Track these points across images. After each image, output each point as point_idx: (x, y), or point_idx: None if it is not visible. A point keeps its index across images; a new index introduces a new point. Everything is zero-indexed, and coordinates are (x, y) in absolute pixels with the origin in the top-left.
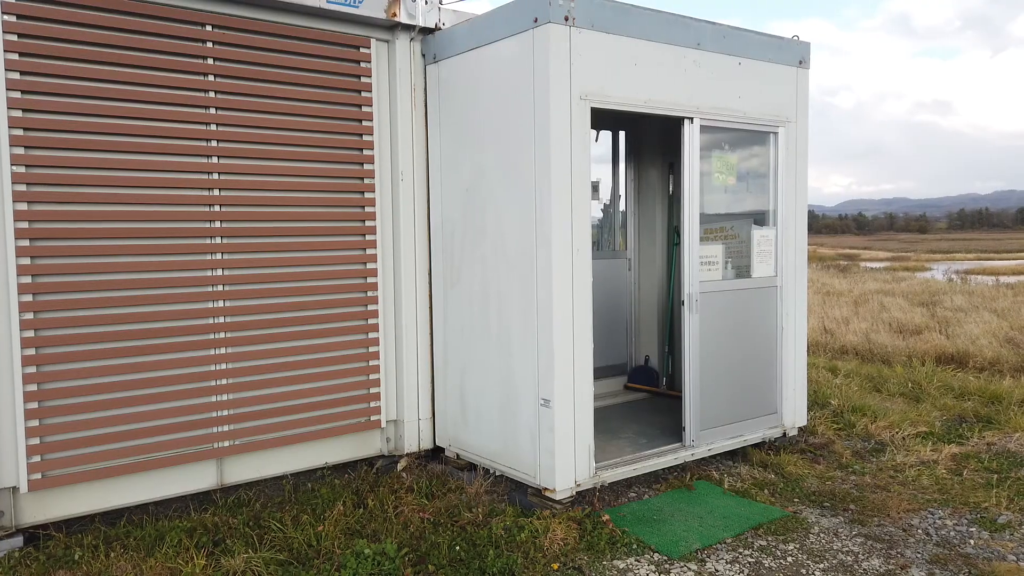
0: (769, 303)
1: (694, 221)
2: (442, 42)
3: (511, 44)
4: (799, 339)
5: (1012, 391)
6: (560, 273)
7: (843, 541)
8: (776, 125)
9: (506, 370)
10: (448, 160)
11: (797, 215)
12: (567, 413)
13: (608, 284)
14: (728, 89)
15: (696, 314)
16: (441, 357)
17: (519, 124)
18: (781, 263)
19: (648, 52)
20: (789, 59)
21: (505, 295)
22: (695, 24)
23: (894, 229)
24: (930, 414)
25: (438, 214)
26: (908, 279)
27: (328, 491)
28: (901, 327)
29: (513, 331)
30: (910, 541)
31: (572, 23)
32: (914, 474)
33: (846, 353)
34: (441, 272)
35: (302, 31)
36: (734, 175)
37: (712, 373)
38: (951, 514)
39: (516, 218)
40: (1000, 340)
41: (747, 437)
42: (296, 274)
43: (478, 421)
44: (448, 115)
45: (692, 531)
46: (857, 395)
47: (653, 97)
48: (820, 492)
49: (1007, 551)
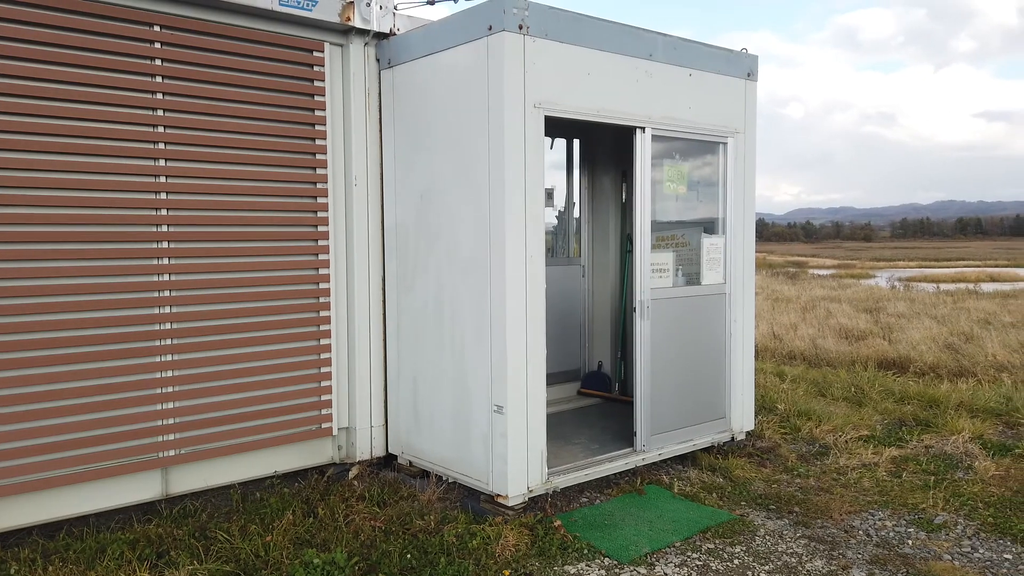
0: (718, 310)
1: (646, 229)
2: (397, 47)
3: (466, 51)
4: (747, 345)
5: (949, 395)
6: (514, 279)
7: (788, 543)
8: (725, 135)
9: (459, 376)
10: (402, 165)
11: (746, 224)
12: (520, 419)
13: (562, 290)
14: (679, 99)
15: (647, 321)
16: (394, 363)
17: (473, 130)
18: (730, 271)
19: (601, 62)
20: (738, 71)
21: (459, 301)
22: (647, 35)
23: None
24: (872, 418)
25: (392, 219)
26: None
27: (277, 500)
28: (846, 333)
29: (467, 337)
30: (851, 542)
31: (526, 32)
32: (856, 476)
33: (794, 358)
34: (395, 277)
35: (254, 33)
36: (685, 184)
37: (663, 379)
38: (890, 515)
39: (470, 224)
40: (940, 346)
41: (697, 442)
42: (246, 279)
43: (431, 428)
44: (402, 120)
45: (642, 535)
46: (803, 399)
47: (606, 106)
48: (766, 495)
49: (943, 551)
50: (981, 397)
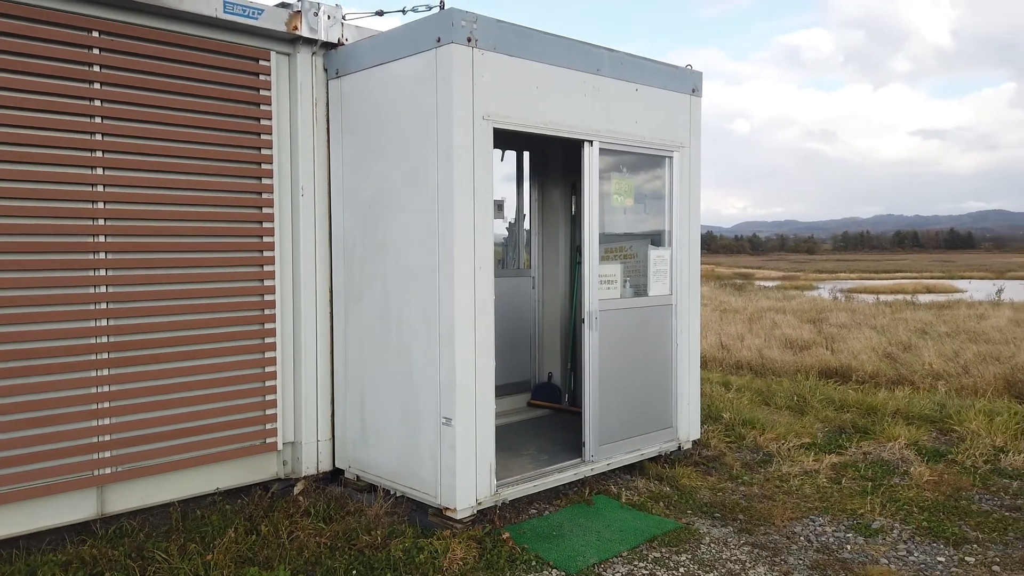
0: (665, 321)
1: (594, 241)
2: (345, 57)
3: (414, 62)
4: (693, 355)
5: (887, 403)
6: (462, 291)
7: (732, 550)
8: (671, 150)
9: (407, 389)
10: (350, 176)
11: (691, 236)
12: (469, 431)
13: (512, 302)
14: (626, 114)
15: (595, 332)
16: (342, 376)
17: (422, 142)
18: (676, 282)
19: (550, 75)
20: (683, 87)
21: (407, 312)
22: (595, 50)
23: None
24: (813, 426)
25: (340, 230)
26: (798, 297)
27: (219, 518)
28: (791, 343)
29: (415, 349)
30: (793, 548)
31: (475, 44)
32: (798, 483)
33: (741, 368)
34: (342, 289)
35: (197, 41)
36: (632, 197)
37: (611, 389)
38: (830, 521)
39: (419, 235)
40: (879, 355)
41: (644, 451)
42: (187, 291)
43: (378, 441)
44: (351, 130)
45: (590, 546)
46: (748, 408)
47: (554, 119)
48: (712, 503)
49: (880, 555)
50: (917, 404)
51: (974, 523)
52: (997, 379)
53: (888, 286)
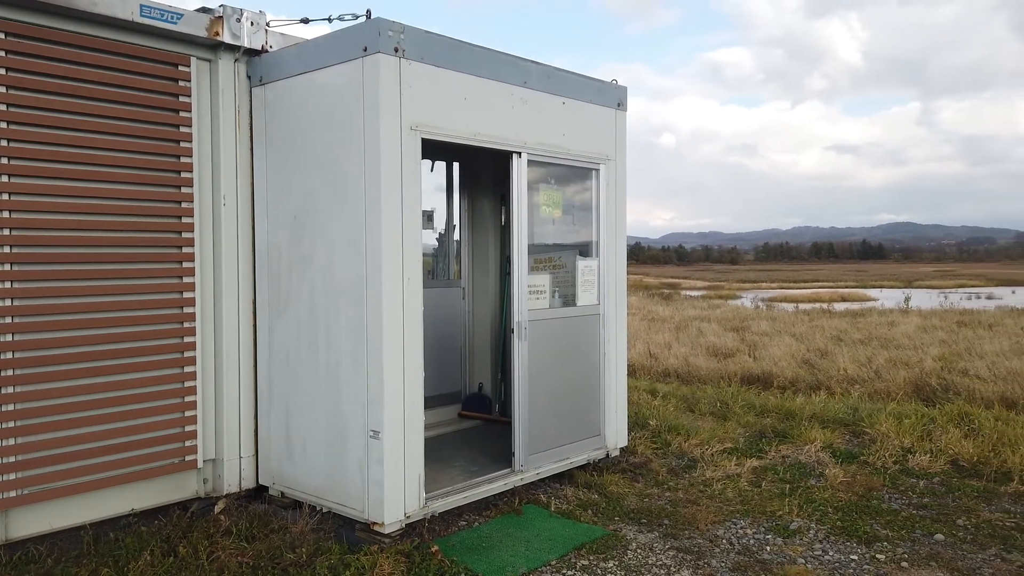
0: (593, 330)
1: (523, 252)
2: (269, 65)
3: (341, 71)
4: (620, 364)
5: (804, 407)
6: (391, 302)
7: (657, 555)
8: (597, 162)
9: (334, 402)
10: (275, 186)
11: (618, 247)
12: (397, 444)
13: (443, 313)
14: (553, 126)
15: (525, 342)
16: (266, 390)
17: (349, 152)
18: (604, 292)
19: (478, 87)
20: (608, 101)
21: (334, 324)
22: (522, 63)
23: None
24: (735, 431)
25: (264, 241)
26: (722, 306)
27: (134, 540)
28: (716, 351)
29: (342, 361)
30: (716, 551)
31: (402, 55)
32: (720, 488)
33: (668, 376)
34: (267, 301)
35: (112, 44)
36: (560, 208)
37: (540, 399)
38: (751, 523)
39: (346, 246)
40: (798, 361)
41: (573, 459)
42: (99, 304)
43: (304, 456)
44: (275, 139)
45: (519, 556)
46: (673, 415)
47: (483, 130)
48: (638, 509)
49: (797, 555)
50: (832, 409)
51: (884, 522)
52: (906, 383)
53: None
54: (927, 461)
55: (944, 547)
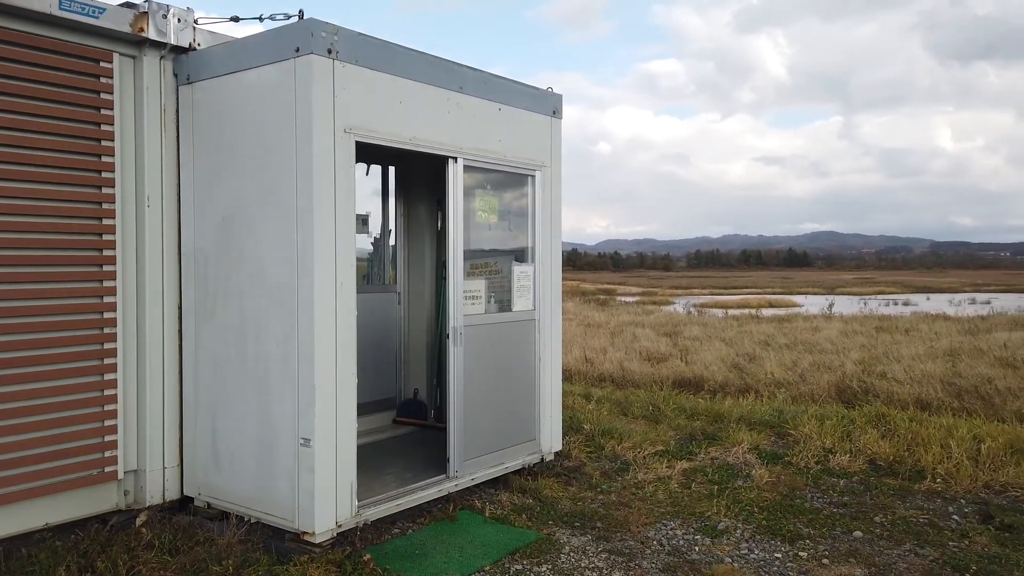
0: (528, 335)
1: (458, 257)
2: (197, 63)
3: (272, 72)
4: (555, 369)
5: (732, 410)
6: (323, 307)
7: (590, 558)
8: (533, 169)
9: (264, 409)
10: (203, 187)
11: (553, 253)
12: (329, 452)
13: (378, 318)
14: (489, 132)
15: (460, 347)
16: (192, 398)
17: (280, 153)
18: (539, 297)
19: (413, 91)
20: (544, 108)
21: (264, 330)
22: (458, 68)
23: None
24: (667, 434)
25: (191, 243)
26: (656, 312)
27: (48, 556)
28: (649, 355)
29: (272, 368)
30: (647, 552)
31: (336, 56)
32: (652, 490)
33: (604, 380)
34: (193, 305)
35: (29, 38)
36: (496, 214)
37: (476, 404)
38: (681, 524)
39: (277, 250)
40: (728, 365)
41: (508, 464)
42: (12, 308)
43: (232, 465)
44: (204, 140)
45: (452, 562)
46: (607, 419)
47: (418, 135)
48: (572, 513)
49: (724, 554)
50: (758, 411)
51: (807, 520)
52: (829, 386)
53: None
54: (847, 461)
55: (862, 544)
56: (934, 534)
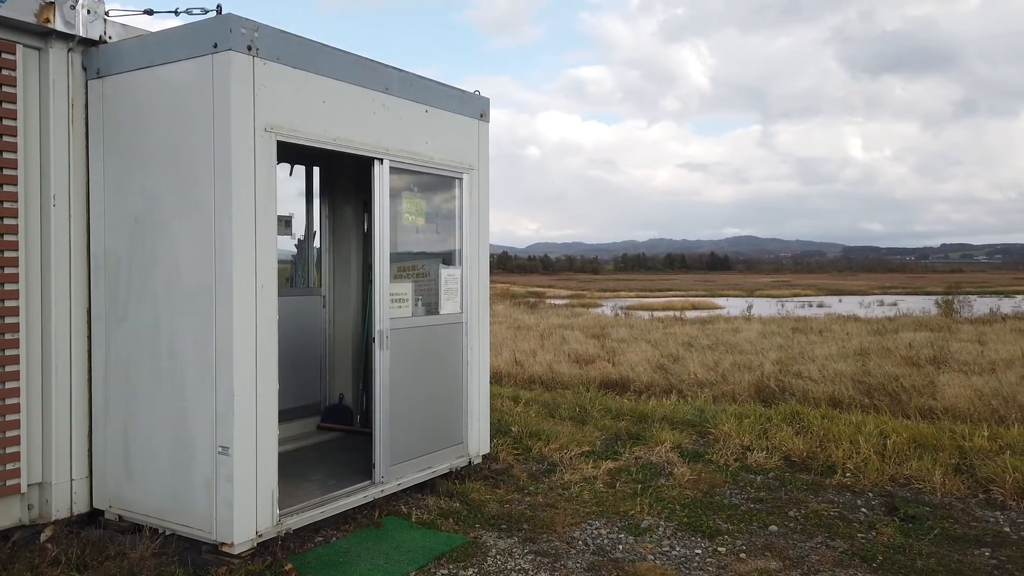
0: (456, 338)
1: (385, 259)
2: (108, 57)
3: (189, 67)
4: (483, 372)
5: (656, 410)
6: (242, 311)
7: (517, 560)
8: (461, 171)
9: (179, 417)
10: (114, 186)
11: (481, 255)
12: (248, 460)
13: (301, 322)
14: (416, 134)
15: (387, 351)
16: (102, 406)
17: (197, 152)
18: (467, 300)
19: (338, 91)
20: (471, 111)
21: (180, 335)
22: (383, 69)
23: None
24: (593, 434)
25: (100, 245)
26: (584, 314)
27: None
28: (578, 357)
29: (188, 374)
30: (572, 552)
31: (256, 54)
32: (578, 490)
33: (533, 383)
34: (103, 310)
35: None
36: (423, 216)
37: (402, 408)
38: (606, 523)
39: (194, 252)
40: (653, 366)
41: (435, 468)
42: None
43: (145, 475)
44: (115, 137)
45: (377, 569)
46: (535, 421)
47: (343, 135)
48: (499, 515)
49: (647, 552)
50: (681, 411)
51: (725, 516)
52: (749, 386)
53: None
54: (763, 458)
55: (777, 537)
56: (844, 526)
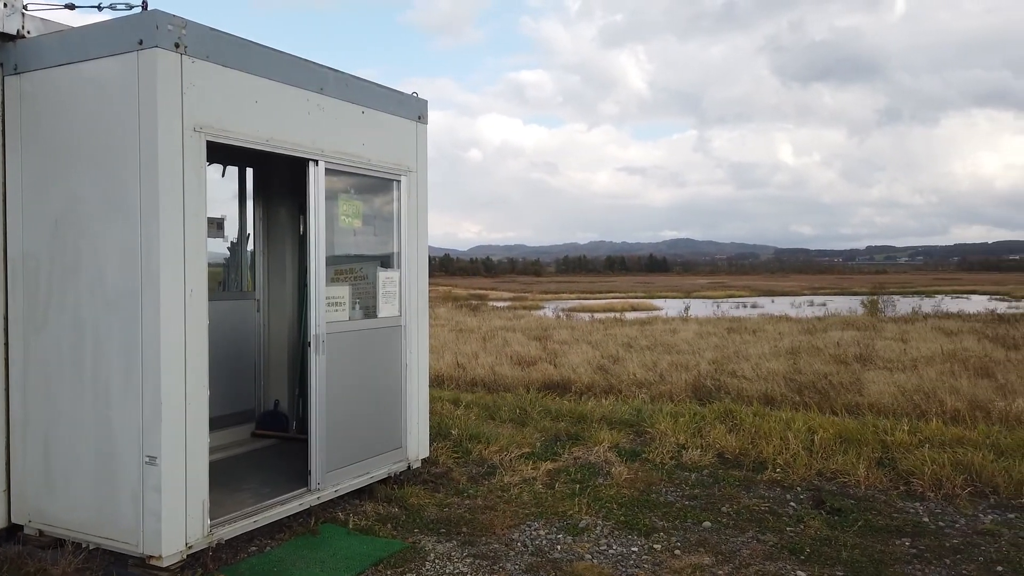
0: (394, 342)
1: (320, 262)
2: (26, 52)
3: (113, 64)
4: (422, 375)
5: (595, 411)
6: (170, 315)
7: (455, 564)
8: (399, 173)
9: (104, 427)
10: (32, 187)
11: (419, 258)
12: (177, 469)
13: (235, 326)
14: (352, 135)
15: (323, 355)
16: (20, 416)
17: (122, 152)
18: (405, 303)
19: (271, 91)
20: (409, 113)
21: (104, 341)
22: (318, 69)
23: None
24: (533, 436)
25: (18, 248)
26: (526, 316)
27: None
28: (520, 359)
29: (113, 382)
30: (511, 554)
31: (184, 51)
32: (517, 492)
33: (475, 385)
34: (21, 315)
35: None
36: (360, 218)
37: (339, 413)
38: (544, 524)
39: (119, 255)
40: (594, 368)
41: (374, 474)
42: None
43: (67, 488)
44: (34, 135)
45: None
46: (475, 423)
47: (276, 136)
48: (438, 520)
49: (585, 551)
50: (619, 411)
51: (661, 514)
52: (686, 385)
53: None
54: (698, 456)
55: (710, 533)
56: (774, 520)
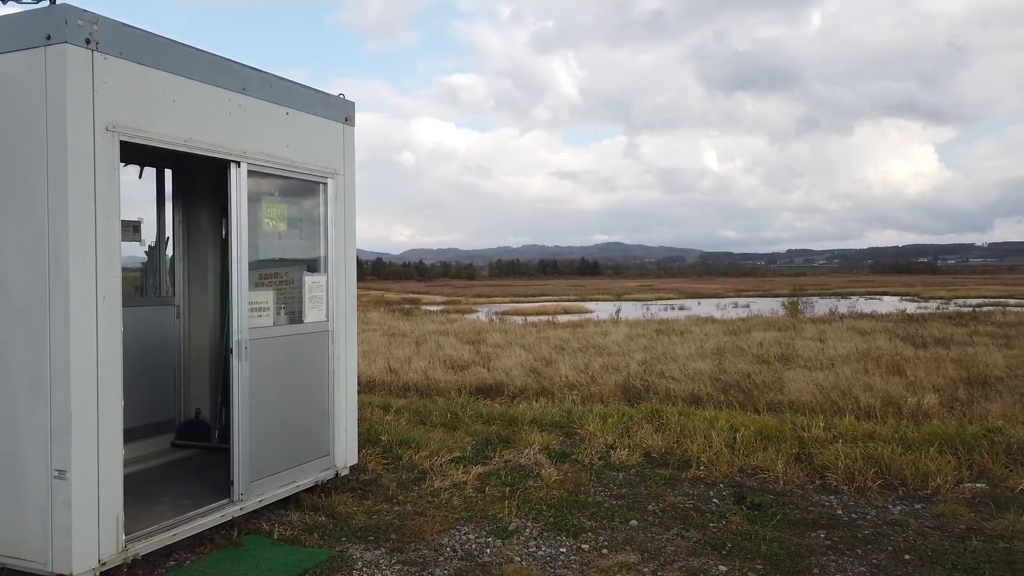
0: (321, 347)
1: (243, 266)
2: None
3: (18, 60)
4: (350, 381)
5: (526, 413)
6: (81, 322)
7: (384, 571)
8: (325, 176)
9: (9, 440)
10: None
11: (347, 262)
12: (89, 483)
13: (153, 333)
14: (276, 137)
15: (246, 362)
16: None
17: (27, 151)
18: (333, 308)
19: (189, 90)
20: (336, 115)
21: (10, 350)
22: (240, 68)
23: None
24: (464, 440)
25: None
26: (459, 320)
27: None
28: (453, 363)
29: (19, 393)
30: (440, 559)
31: (96, 48)
32: (447, 496)
33: (408, 390)
34: None
35: None
36: (285, 222)
37: (263, 421)
38: (474, 528)
39: (23, 259)
40: (527, 370)
41: (300, 483)
42: None
43: None
44: None
45: None
46: (405, 429)
47: (195, 136)
48: (366, 527)
49: (514, 554)
50: (550, 413)
51: (589, 514)
52: (616, 386)
53: (534, 308)
54: (626, 455)
55: (637, 531)
56: (697, 517)
